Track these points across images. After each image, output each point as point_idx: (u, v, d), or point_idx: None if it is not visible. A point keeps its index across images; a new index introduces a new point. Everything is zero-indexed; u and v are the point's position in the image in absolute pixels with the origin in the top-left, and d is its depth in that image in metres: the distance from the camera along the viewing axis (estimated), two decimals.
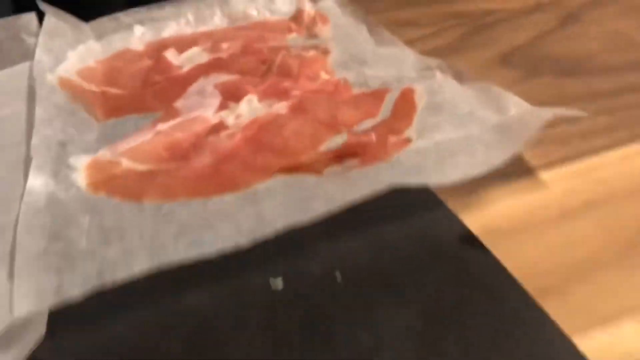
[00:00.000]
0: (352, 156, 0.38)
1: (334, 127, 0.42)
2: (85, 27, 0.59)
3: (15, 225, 0.34)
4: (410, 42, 0.54)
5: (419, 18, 0.61)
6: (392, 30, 0.56)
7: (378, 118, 0.43)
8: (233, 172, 0.39)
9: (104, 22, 0.60)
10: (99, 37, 0.59)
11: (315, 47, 0.55)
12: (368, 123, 0.42)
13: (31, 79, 0.51)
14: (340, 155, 0.38)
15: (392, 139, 0.39)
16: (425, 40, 0.57)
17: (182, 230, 0.33)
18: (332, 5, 0.64)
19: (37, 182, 0.36)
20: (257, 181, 0.37)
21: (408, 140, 0.38)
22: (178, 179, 0.38)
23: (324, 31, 0.59)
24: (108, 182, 0.38)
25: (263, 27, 0.61)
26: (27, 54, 0.56)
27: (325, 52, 0.54)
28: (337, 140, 0.41)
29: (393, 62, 0.51)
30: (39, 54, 0.52)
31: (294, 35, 0.59)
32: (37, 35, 0.56)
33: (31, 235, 0.33)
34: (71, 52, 0.54)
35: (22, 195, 0.37)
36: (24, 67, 0.55)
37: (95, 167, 0.40)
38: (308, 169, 0.38)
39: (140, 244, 0.32)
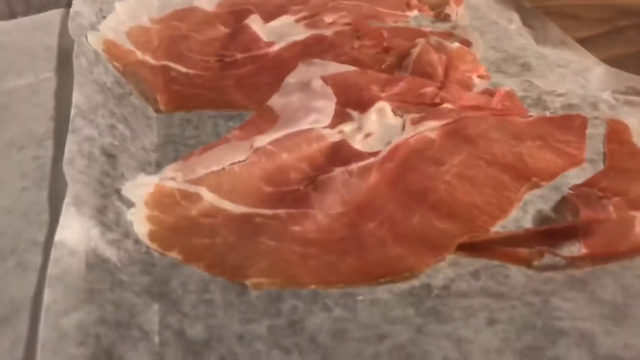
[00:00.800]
0: (570, 237, 0.24)
1: (522, 175, 0.27)
2: None
3: (34, 310, 0.20)
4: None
5: (579, 9, 0.46)
6: None
7: (587, 167, 0.28)
8: (380, 238, 0.24)
9: None
10: None
11: (448, 37, 0.40)
12: (573, 175, 0.28)
13: (63, 36, 0.36)
14: (554, 235, 0.24)
15: (638, 216, 0.24)
16: (598, 44, 0.42)
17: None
18: None
19: (72, 228, 0.22)
20: (424, 265, 0.23)
21: None
22: (294, 239, 0.24)
23: (458, 14, 0.43)
24: (183, 233, 0.24)
25: None
26: None
27: (465, 44, 0.39)
28: (536, 203, 0.26)
29: (571, 73, 0.36)
30: (77, 1, 0.37)
31: (415, 13, 0.44)
32: None
33: (64, 341, 0.18)
34: (119, 2, 0.39)
35: (45, 243, 0.23)
36: (54, 16, 0.40)
37: (161, 202, 0.25)
38: (507, 256, 0.23)
39: None
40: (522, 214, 0.26)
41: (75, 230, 0.22)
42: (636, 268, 0.22)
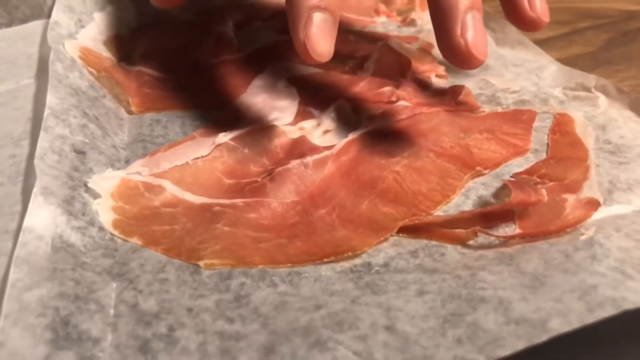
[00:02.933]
0: (506, 219, 0.26)
1: (467, 164, 0.29)
2: None
3: (3, 288, 0.22)
4: (536, 45, 0.41)
5: None
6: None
7: (530, 157, 0.30)
8: (329, 222, 0.26)
9: None
10: None
11: (413, 40, 0.42)
12: (517, 164, 0.30)
13: (44, 45, 0.38)
14: (490, 217, 0.26)
15: (569, 199, 0.26)
16: (557, 44, 0.44)
17: (265, 338, 0.21)
18: None
19: (40, 216, 0.24)
20: (366, 245, 0.25)
21: (593, 204, 0.26)
22: (249, 225, 0.26)
23: (424, 19, 0.45)
24: (145, 221, 0.26)
25: (341, 3, 0.47)
26: (42, 11, 0.43)
27: (428, 47, 0.41)
28: (478, 189, 0.28)
29: (526, 71, 0.38)
30: (56, 12, 0.39)
31: (382, 18, 0.46)
32: None
33: (25, 312, 0.20)
34: (98, 14, 0.41)
35: (16, 231, 0.25)
36: (36, 26, 0.42)
37: (126, 194, 0.27)
38: (445, 236, 0.25)
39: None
40: (463, 200, 0.27)
41: (43, 218, 0.24)
42: (561, 244, 0.24)
